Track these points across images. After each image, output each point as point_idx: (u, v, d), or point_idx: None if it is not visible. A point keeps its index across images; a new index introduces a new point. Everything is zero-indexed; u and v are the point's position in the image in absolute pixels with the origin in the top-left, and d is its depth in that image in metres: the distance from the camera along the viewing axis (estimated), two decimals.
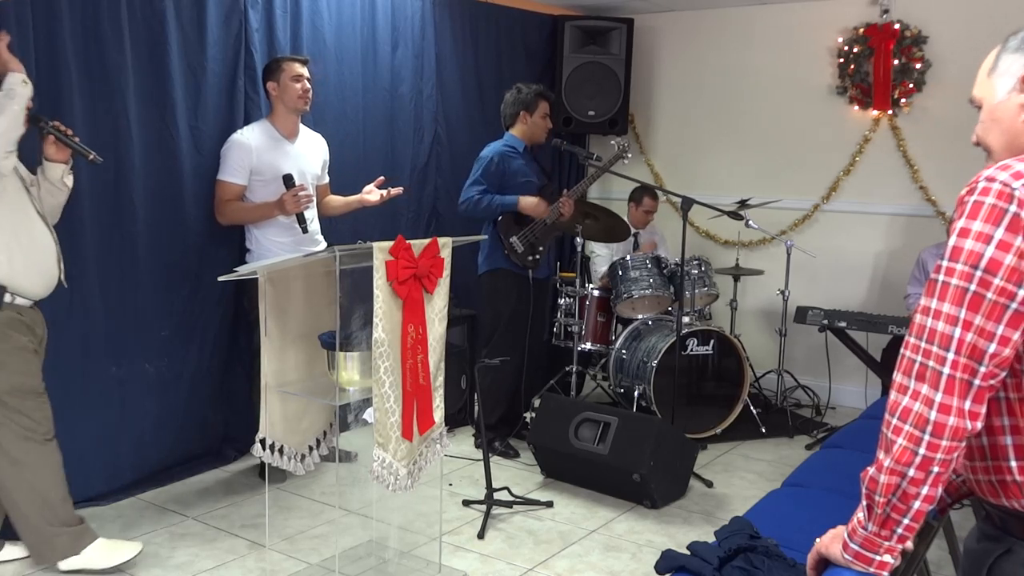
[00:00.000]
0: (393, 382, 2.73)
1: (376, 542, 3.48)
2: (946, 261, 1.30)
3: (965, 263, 1.28)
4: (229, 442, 4.20)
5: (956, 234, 1.30)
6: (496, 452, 4.43)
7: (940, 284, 1.30)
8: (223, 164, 3.79)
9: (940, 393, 1.26)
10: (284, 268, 2.99)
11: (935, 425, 1.26)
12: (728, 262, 5.46)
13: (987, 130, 1.46)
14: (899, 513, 1.31)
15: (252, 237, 3.88)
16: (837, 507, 2.84)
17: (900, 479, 1.29)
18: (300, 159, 3.91)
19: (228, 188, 3.78)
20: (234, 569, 3.20)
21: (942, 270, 1.30)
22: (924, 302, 1.32)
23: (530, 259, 4.39)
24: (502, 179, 4.35)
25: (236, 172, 3.76)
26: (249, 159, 3.76)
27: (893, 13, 5.14)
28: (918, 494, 1.29)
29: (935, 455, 1.27)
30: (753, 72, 5.69)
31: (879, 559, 1.35)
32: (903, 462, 1.28)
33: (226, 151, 3.79)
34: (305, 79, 3.83)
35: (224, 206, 3.80)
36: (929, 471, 1.28)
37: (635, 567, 3.29)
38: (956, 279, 1.28)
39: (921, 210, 5.22)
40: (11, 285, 2.90)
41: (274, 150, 3.82)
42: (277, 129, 3.86)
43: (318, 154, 4.05)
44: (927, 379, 1.28)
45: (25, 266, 2.92)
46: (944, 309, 1.28)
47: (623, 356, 4.86)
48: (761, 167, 5.71)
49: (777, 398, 5.30)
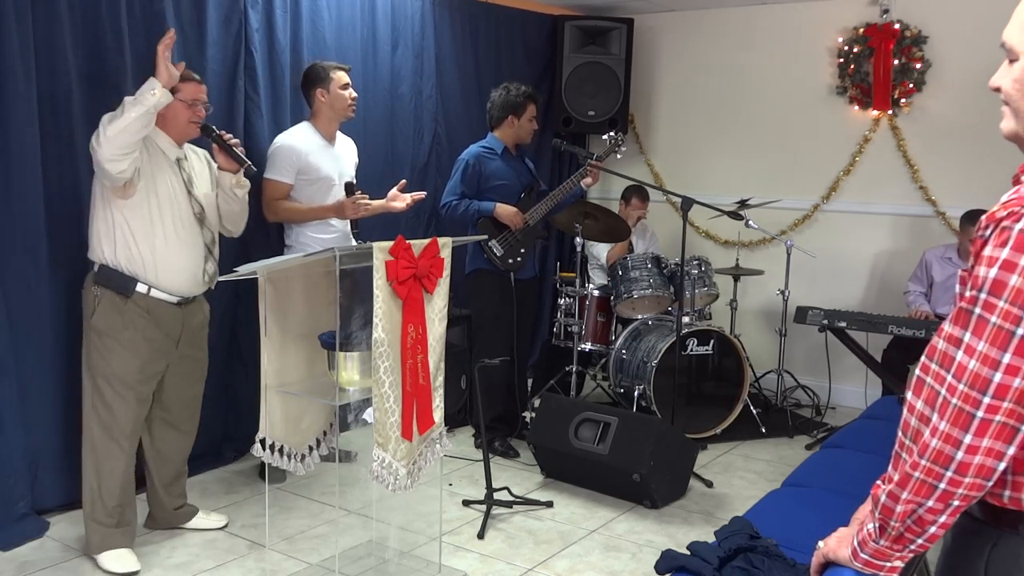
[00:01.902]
0: (393, 382, 2.73)
1: (376, 542, 3.48)
2: (984, 294, 1.20)
3: (1012, 302, 1.17)
4: (229, 442, 4.20)
5: (998, 266, 1.19)
6: (496, 452, 4.43)
7: (976, 318, 1.20)
8: (270, 164, 3.87)
9: (970, 435, 1.19)
10: (284, 268, 2.99)
11: (960, 464, 1.20)
12: (728, 262, 5.46)
13: (1023, 93, 1.30)
14: (914, 534, 1.28)
15: (292, 233, 3.96)
16: (837, 507, 2.85)
17: (917, 507, 1.25)
18: (340, 161, 4.02)
19: (277, 187, 3.86)
20: (234, 569, 3.20)
21: (979, 303, 1.20)
22: (952, 331, 1.23)
23: (511, 262, 4.40)
24: (479, 181, 4.38)
25: (284, 171, 3.85)
26: (296, 159, 3.84)
27: (893, 13, 5.14)
28: (935, 522, 1.25)
29: (956, 490, 1.22)
30: (753, 72, 5.69)
31: (890, 565, 1.33)
32: (921, 495, 1.24)
33: (273, 152, 3.88)
34: (351, 88, 3.94)
35: (274, 204, 3.88)
36: (949, 504, 1.23)
37: (635, 567, 3.29)
38: (998, 318, 1.18)
39: (921, 210, 5.22)
40: (145, 278, 3.07)
41: (318, 152, 3.91)
42: (320, 133, 3.95)
43: (352, 157, 4.15)
44: (951, 417, 1.21)
45: (162, 263, 3.08)
46: (980, 348, 1.19)
47: (623, 356, 4.86)
48: (761, 167, 5.71)
49: (777, 398, 5.30)
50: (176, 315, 3.20)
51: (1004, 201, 1.24)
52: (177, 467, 3.45)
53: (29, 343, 3.31)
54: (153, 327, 3.12)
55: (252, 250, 4.03)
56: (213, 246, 3.28)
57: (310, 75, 3.94)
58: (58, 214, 3.38)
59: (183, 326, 3.24)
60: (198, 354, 3.39)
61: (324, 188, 3.91)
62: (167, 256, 3.10)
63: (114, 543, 3.15)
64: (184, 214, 3.14)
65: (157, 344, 3.16)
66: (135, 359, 3.10)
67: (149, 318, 3.11)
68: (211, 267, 3.27)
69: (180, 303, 3.20)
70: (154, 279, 3.09)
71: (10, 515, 3.27)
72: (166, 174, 3.12)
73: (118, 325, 3.07)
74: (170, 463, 3.42)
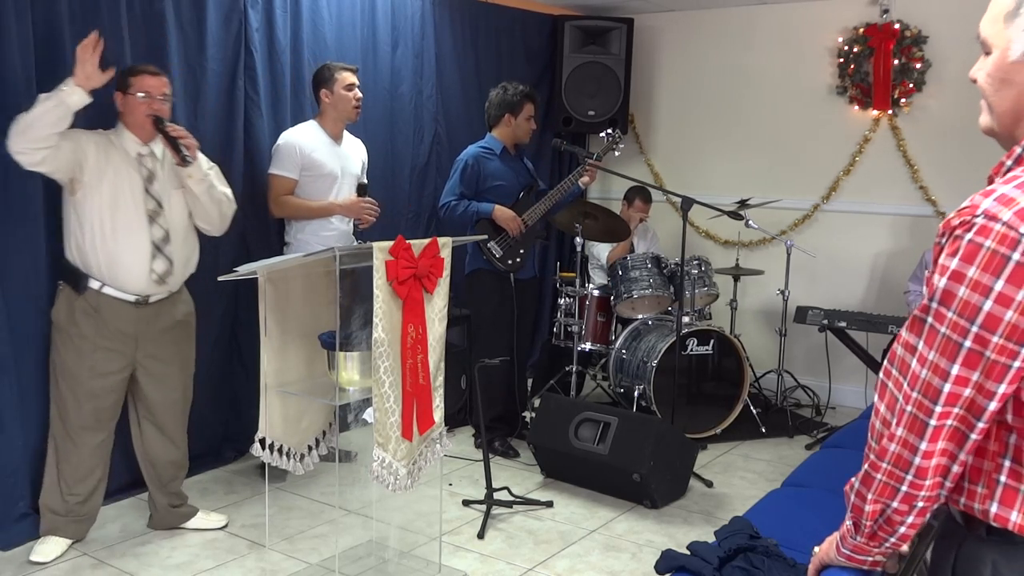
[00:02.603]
0: (393, 382, 2.73)
1: (376, 542, 3.48)
2: (935, 303, 1.20)
3: (959, 314, 1.16)
4: (229, 442, 4.20)
5: (948, 276, 1.18)
6: (496, 452, 4.43)
7: (928, 328, 1.21)
8: (276, 159, 3.91)
9: (925, 441, 1.20)
10: (284, 268, 3.00)
11: (918, 469, 1.22)
12: (728, 262, 5.46)
13: (994, 88, 1.29)
14: (886, 533, 1.30)
15: (292, 231, 3.99)
16: (837, 507, 2.84)
17: (884, 508, 1.27)
18: (345, 160, 4.04)
19: (282, 182, 3.89)
20: (234, 569, 3.20)
21: (931, 312, 1.20)
22: (908, 338, 1.24)
23: (510, 262, 4.40)
24: (478, 181, 4.39)
25: (288, 167, 3.88)
26: (299, 155, 3.87)
27: (893, 13, 5.14)
28: (903, 522, 1.27)
29: (919, 492, 1.23)
30: (753, 72, 5.69)
31: (871, 559, 1.36)
32: (885, 496, 1.26)
33: (277, 148, 3.92)
34: (357, 88, 3.97)
35: (281, 200, 3.91)
36: (913, 505, 1.25)
37: (635, 567, 3.29)
38: (947, 328, 1.18)
39: (921, 210, 5.22)
40: (99, 275, 3.08)
41: (323, 149, 3.94)
42: (326, 131, 3.98)
43: (358, 157, 4.17)
44: (906, 424, 1.22)
45: (112, 260, 3.07)
46: (931, 357, 1.20)
47: (623, 356, 4.86)
48: (761, 167, 5.71)
49: (777, 398, 5.30)
50: (131, 314, 3.15)
51: (960, 208, 1.23)
52: (169, 469, 3.43)
53: (29, 343, 3.30)
54: (103, 325, 3.11)
55: (253, 248, 4.04)
56: (165, 244, 3.18)
57: (317, 75, 3.99)
58: (57, 213, 3.37)
59: (146, 326, 3.19)
60: (172, 357, 3.32)
61: (328, 185, 3.94)
62: (115, 253, 3.08)
63: (57, 531, 3.21)
64: (134, 211, 3.10)
65: (108, 343, 3.13)
66: (84, 356, 3.11)
67: (98, 316, 3.10)
68: (161, 266, 3.17)
69: (138, 303, 3.16)
70: (106, 276, 3.09)
71: (10, 515, 3.27)
72: (123, 171, 3.10)
73: (70, 320, 3.11)
74: (160, 465, 3.40)
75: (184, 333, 3.37)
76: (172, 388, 3.35)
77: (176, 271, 3.23)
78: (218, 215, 3.31)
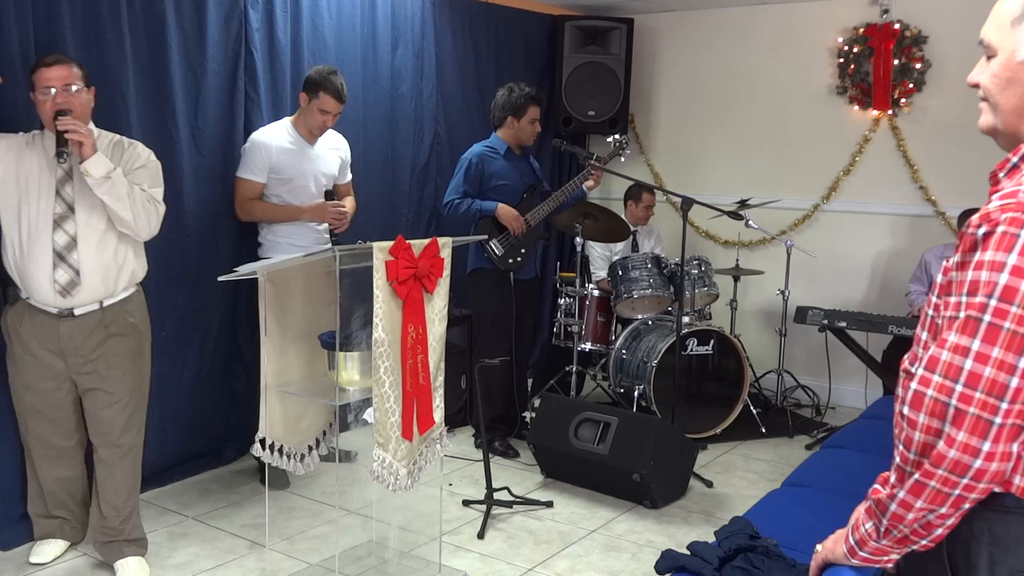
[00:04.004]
0: (393, 382, 2.73)
1: (376, 542, 3.48)
2: (995, 300, 1.19)
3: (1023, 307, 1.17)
4: (229, 442, 4.20)
5: (1008, 271, 1.19)
6: (496, 452, 4.43)
7: (987, 325, 1.19)
8: (244, 162, 3.82)
9: (988, 442, 1.19)
10: (284, 268, 2.99)
11: (977, 472, 1.21)
12: (728, 262, 5.46)
13: (1000, 87, 1.32)
14: (919, 536, 1.30)
15: (264, 231, 3.93)
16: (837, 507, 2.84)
17: (928, 514, 1.27)
18: (318, 161, 3.93)
19: (249, 186, 3.82)
20: (234, 569, 3.20)
21: (988, 309, 1.19)
22: (957, 340, 1.22)
23: (510, 262, 4.40)
24: (481, 181, 4.38)
25: (255, 170, 3.80)
26: (269, 158, 3.79)
27: (893, 13, 5.14)
28: (943, 524, 1.28)
29: (970, 495, 1.23)
30: (753, 72, 5.69)
31: (887, 559, 1.36)
32: (936, 503, 1.25)
33: (247, 149, 3.83)
34: (331, 116, 3.83)
35: (247, 203, 3.84)
36: (960, 508, 1.25)
37: (635, 567, 3.29)
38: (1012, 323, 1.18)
39: (921, 210, 5.21)
40: (21, 284, 2.92)
41: (294, 151, 3.85)
42: (299, 132, 3.89)
43: (336, 154, 4.05)
44: (968, 426, 1.20)
45: (22, 269, 2.89)
46: (995, 355, 1.18)
47: (623, 356, 4.86)
48: (761, 167, 5.71)
49: (777, 398, 5.30)
50: (53, 327, 2.91)
51: (1003, 204, 1.24)
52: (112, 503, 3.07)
53: None
54: (31, 337, 2.93)
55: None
56: (69, 252, 2.86)
57: (308, 79, 3.83)
58: None
59: (72, 341, 2.93)
60: (110, 374, 2.99)
61: (297, 188, 3.86)
62: (23, 262, 2.87)
63: (51, 535, 3.19)
64: (39, 216, 2.85)
65: (36, 357, 2.95)
66: (19, 369, 2.99)
67: (26, 328, 2.94)
68: (63, 276, 2.85)
69: (61, 315, 2.90)
70: (23, 286, 2.91)
71: (10, 515, 3.27)
72: (35, 173, 2.88)
73: (7, 331, 3.00)
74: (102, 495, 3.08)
75: (126, 348, 3.02)
76: (110, 407, 3.01)
77: (87, 281, 2.88)
78: (132, 218, 2.90)
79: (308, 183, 3.89)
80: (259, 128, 3.93)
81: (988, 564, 1.30)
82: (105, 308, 2.96)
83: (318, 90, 3.77)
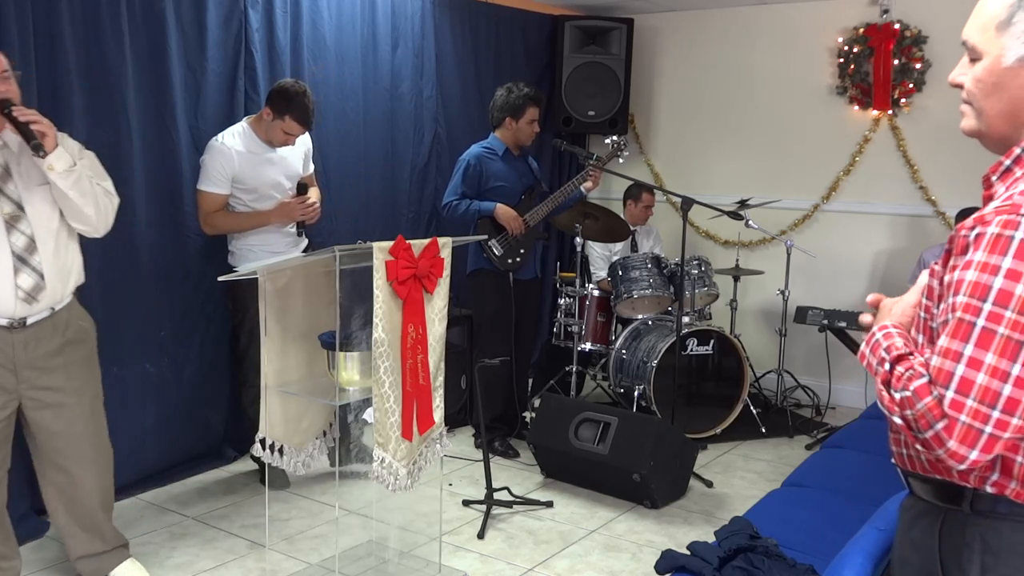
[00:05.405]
0: (393, 382, 2.73)
1: (376, 542, 3.48)
2: (990, 304, 1.16)
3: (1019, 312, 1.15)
4: (229, 442, 4.20)
5: (1004, 275, 1.16)
6: (496, 452, 4.43)
7: (980, 329, 1.16)
8: (204, 173, 3.62)
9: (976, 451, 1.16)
10: (284, 268, 3.00)
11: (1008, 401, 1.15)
12: (728, 262, 5.46)
13: (985, 93, 1.31)
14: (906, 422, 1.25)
15: (233, 239, 3.80)
16: (837, 507, 2.85)
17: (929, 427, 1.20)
18: (282, 163, 3.77)
19: (213, 199, 3.63)
20: (234, 569, 3.20)
21: (983, 313, 1.16)
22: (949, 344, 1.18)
23: (510, 262, 4.40)
24: (480, 182, 4.38)
25: (218, 181, 3.61)
26: (231, 167, 3.61)
27: (893, 13, 5.14)
28: None
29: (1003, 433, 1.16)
30: (753, 72, 5.69)
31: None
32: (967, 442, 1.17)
33: (207, 159, 3.62)
34: (293, 139, 3.69)
35: (212, 217, 3.66)
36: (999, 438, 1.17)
37: (635, 567, 3.29)
38: (1007, 328, 1.15)
39: (921, 210, 5.22)
40: None
41: (256, 159, 3.68)
42: (258, 136, 3.69)
43: (300, 151, 3.86)
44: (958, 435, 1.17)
45: None
46: (988, 360, 1.16)
47: (623, 356, 4.86)
48: (761, 167, 5.71)
49: (777, 398, 5.30)
50: (6, 341, 2.63)
51: (998, 206, 1.22)
52: (86, 513, 2.93)
53: None
54: None
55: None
56: (30, 254, 2.62)
57: (276, 93, 3.61)
58: None
59: (26, 354, 2.67)
60: (66, 384, 2.77)
61: (263, 196, 3.72)
62: None
63: None
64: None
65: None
66: None
67: None
68: (27, 281, 2.61)
69: (12, 326, 2.63)
70: None
71: (10, 516, 3.25)
72: None
73: None
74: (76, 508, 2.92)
75: (79, 354, 2.82)
76: (73, 419, 2.80)
77: (50, 285, 2.66)
78: (94, 212, 2.71)
79: (273, 190, 3.74)
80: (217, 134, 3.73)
81: (980, 571, 1.29)
82: (56, 313, 2.74)
83: (284, 113, 3.58)
